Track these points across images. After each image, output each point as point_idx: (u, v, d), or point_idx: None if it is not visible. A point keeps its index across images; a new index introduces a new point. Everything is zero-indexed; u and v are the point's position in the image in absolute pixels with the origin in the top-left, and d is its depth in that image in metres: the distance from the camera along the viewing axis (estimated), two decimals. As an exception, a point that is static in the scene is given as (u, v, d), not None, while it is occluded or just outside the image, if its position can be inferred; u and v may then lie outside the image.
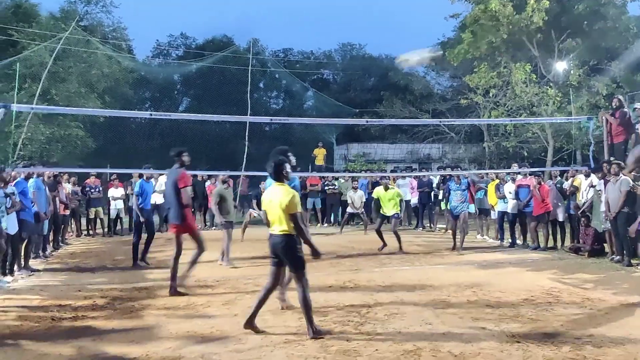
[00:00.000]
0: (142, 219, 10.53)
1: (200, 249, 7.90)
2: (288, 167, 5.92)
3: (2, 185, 8.60)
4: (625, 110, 11.95)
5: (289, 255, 5.71)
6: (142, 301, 7.27)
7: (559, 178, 12.90)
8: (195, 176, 17.45)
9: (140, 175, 11.63)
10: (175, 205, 7.89)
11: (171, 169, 8.18)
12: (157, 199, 16.81)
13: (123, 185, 16.21)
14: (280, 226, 5.70)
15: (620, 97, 12.64)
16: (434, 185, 17.06)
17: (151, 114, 23.17)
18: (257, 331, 5.68)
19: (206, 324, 6.10)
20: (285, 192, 5.69)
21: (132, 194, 15.84)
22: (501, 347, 5.16)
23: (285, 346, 5.27)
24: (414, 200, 17.54)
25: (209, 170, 18.64)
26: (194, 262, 7.87)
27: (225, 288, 8.11)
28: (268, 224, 5.89)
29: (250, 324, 5.71)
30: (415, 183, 17.51)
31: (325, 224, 18.26)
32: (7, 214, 8.61)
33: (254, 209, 13.95)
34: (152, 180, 12.38)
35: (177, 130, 31.17)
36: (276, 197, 5.73)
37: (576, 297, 7.17)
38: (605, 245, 10.72)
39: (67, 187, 13.83)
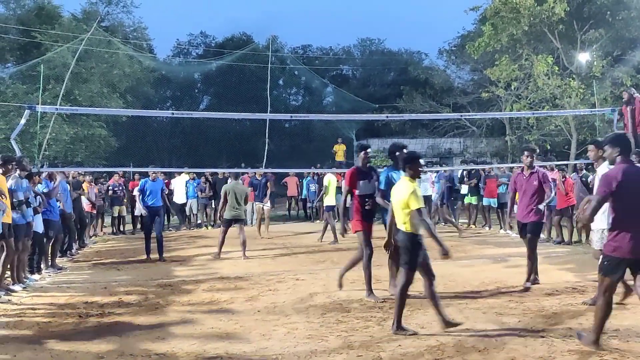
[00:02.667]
0: (143, 214, 11.23)
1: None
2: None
3: (33, 185, 8.77)
4: None
5: (403, 251, 5.62)
6: (166, 297, 7.36)
7: (584, 171, 12.71)
8: (215, 173, 17.60)
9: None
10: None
11: None
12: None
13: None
14: (399, 221, 5.70)
15: (633, 90, 12.51)
16: (456, 179, 16.91)
17: (173, 113, 23.44)
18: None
19: (230, 319, 6.16)
20: (405, 187, 5.62)
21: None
22: (525, 342, 5.12)
23: (309, 342, 5.30)
24: (434, 195, 17.39)
25: (230, 167, 18.79)
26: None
27: (249, 284, 8.16)
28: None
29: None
30: (435, 178, 17.37)
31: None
32: (37, 212, 8.77)
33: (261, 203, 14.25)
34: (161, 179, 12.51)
35: (198, 128, 31.47)
36: (396, 191, 5.75)
37: (602, 291, 7.06)
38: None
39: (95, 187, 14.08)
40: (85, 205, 13.15)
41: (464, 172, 16.27)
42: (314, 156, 27.10)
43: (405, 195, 5.51)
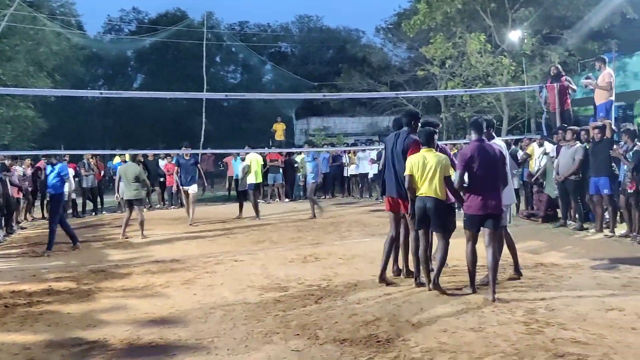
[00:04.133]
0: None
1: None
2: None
3: None
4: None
5: (440, 217, 6.15)
6: (99, 284, 7.14)
7: (513, 147, 13.14)
8: (145, 156, 16.66)
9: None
10: (393, 177, 6.57)
11: (396, 132, 6.76)
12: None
13: (75, 166, 15.64)
14: (431, 189, 6.09)
15: (558, 65, 13.11)
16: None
17: (101, 93, 22.60)
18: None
19: (165, 304, 6.04)
20: (440, 157, 6.13)
21: (85, 176, 15.47)
22: (457, 314, 5.28)
23: (246, 322, 5.27)
24: (372, 172, 17.59)
25: (166, 148, 18.36)
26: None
27: (185, 267, 8.02)
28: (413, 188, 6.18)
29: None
30: (374, 155, 17.55)
31: (287, 200, 18.22)
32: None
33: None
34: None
35: (133, 108, 30.58)
36: (431, 162, 6.09)
37: (529, 262, 7.36)
38: (558, 210, 11.02)
39: (19, 170, 13.41)
40: (11, 189, 12.52)
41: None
42: (254, 135, 26.84)
43: (441, 165, 6.06)
